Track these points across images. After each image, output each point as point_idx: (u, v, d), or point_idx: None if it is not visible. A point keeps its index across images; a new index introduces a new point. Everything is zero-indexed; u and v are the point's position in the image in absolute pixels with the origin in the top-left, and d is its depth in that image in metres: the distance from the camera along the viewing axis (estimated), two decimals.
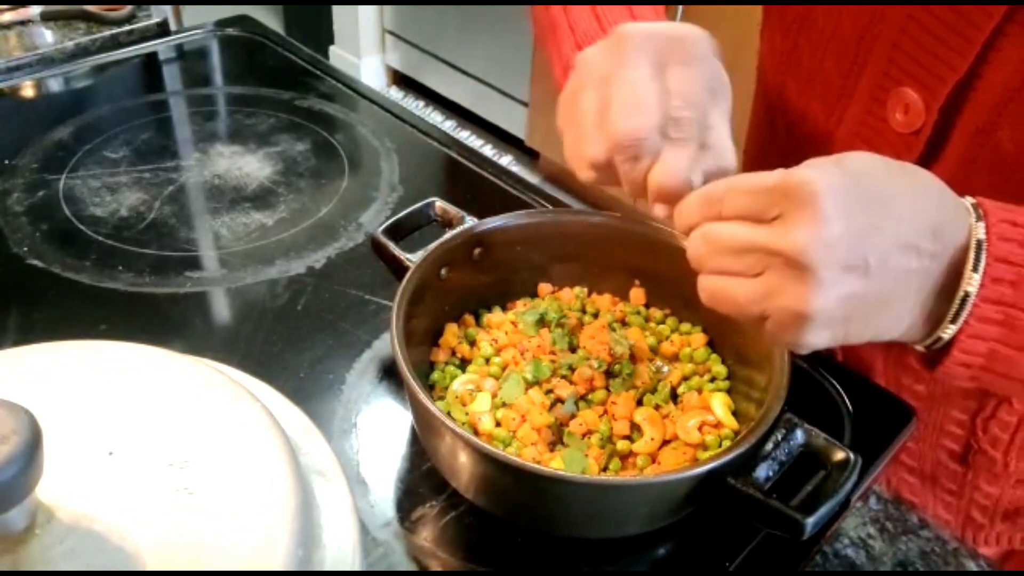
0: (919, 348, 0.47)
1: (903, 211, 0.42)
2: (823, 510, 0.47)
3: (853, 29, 0.59)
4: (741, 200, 0.44)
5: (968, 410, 0.67)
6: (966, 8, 0.53)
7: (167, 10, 1.13)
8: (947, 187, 0.45)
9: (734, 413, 0.58)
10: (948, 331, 0.45)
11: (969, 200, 0.45)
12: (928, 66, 0.56)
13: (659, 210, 0.49)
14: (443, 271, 0.62)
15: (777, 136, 0.72)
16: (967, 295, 0.43)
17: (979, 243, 0.43)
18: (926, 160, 0.59)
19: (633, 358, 0.61)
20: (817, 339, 0.43)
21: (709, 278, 0.46)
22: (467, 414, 0.57)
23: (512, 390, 0.58)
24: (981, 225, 0.44)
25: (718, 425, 0.57)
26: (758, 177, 0.43)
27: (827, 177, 0.41)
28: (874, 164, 0.44)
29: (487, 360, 0.61)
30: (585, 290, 0.68)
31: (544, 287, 0.68)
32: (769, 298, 0.43)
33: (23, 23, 1.07)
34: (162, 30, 1.12)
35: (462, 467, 0.53)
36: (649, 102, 0.47)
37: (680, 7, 1.92)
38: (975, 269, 0.43)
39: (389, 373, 0.66)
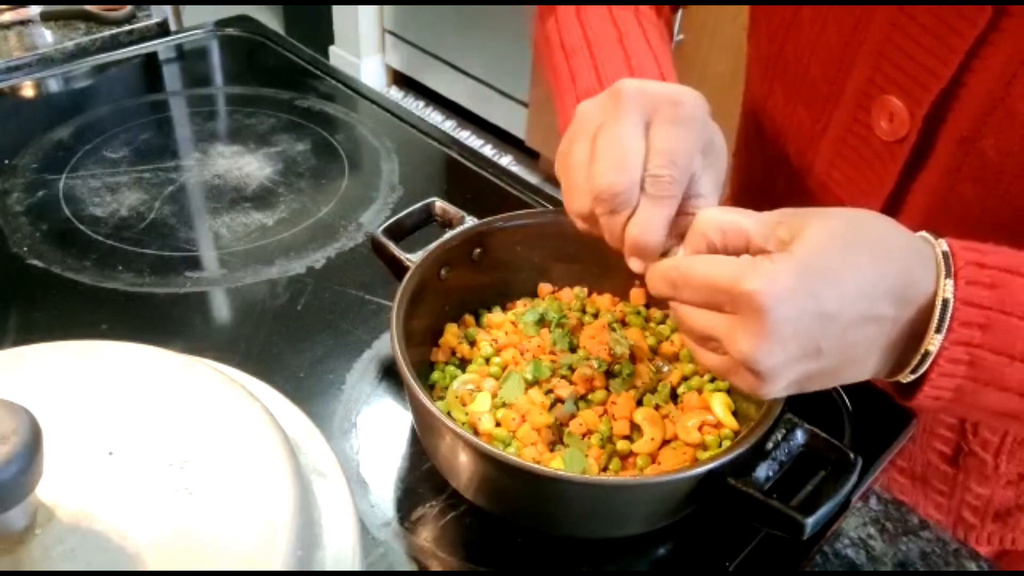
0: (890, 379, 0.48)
1: (861, 285, 0.42)
2: (823, 510, 0.47)
3: (838, 35, 0.60)
4: (694, 294, 0.45)
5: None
6: (950, 16, 0.53)
7: (167, 10, 1.13)
8: (915, 240, 0.46)
9: (734, 413, 0.58)
10: (909, 379, 0.46)
11: (941, 248, 0.45)
12: (912, 74, 0.56)
13: (633, 264, 0.50)
14: (443, 271, 0.62)
15: (764, 143, 0.72)
16: (927, 353, 0.44)
17: (944, 302, 0.44)
18: (911, 168, 0.59)
19: (633, 358, 0.61)
20: (777, 395, 0.46)
21: (684, 340, 0.49)
22: (467, 414, 0.57)
23: (512, 390, 0.58)
24: (949, 283, 0.44)
25: (718, 425, 0.57)
26: (711, 271, 0.44)
27: (775, 284, 0.41)
28: (831, 239, 0.43)
29: (487, 360, 0.61)
30: (585, 290, 0.68)
31: (544, 287, 0.68)
32: (729, 375, 0.46)
33: (23, 23, 1.07)
34: (162, 30, 1.12)
35: (462, 467, 0.53)
36: (630, 158, 0.48)
37: (680, 8, 1.92)
38: (938, 330, 0.44)
39: (389, 373, 0.66)
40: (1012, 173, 0.54)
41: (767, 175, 0.73)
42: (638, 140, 0.48)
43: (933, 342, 0.44)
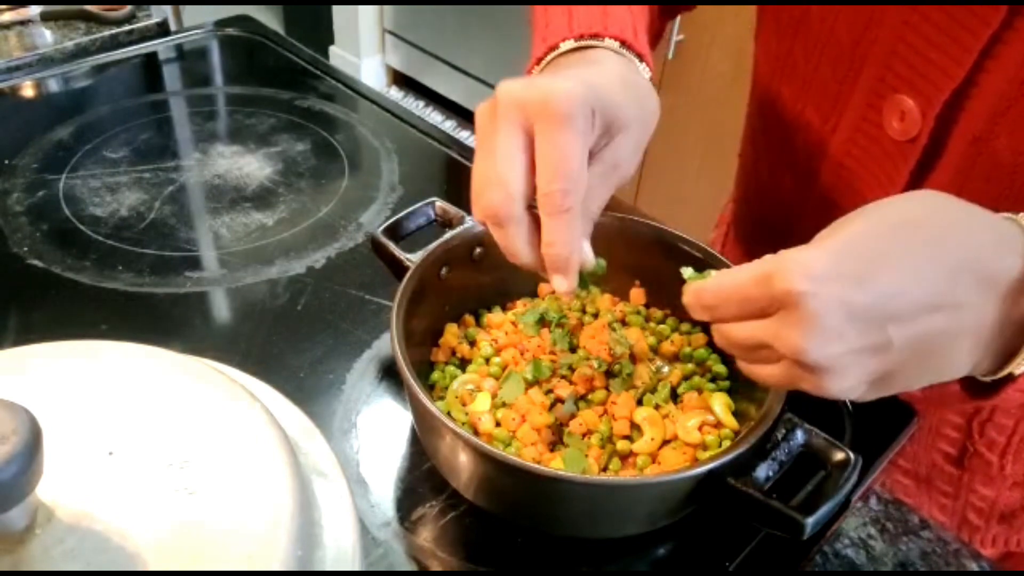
0: (980, 378, 0.45)
1: (920, 269, 0.40)
2: (823, 510, 0.47)
3: (849, 34, 0.59)
4: (731, 308, 0.43)
5: (965, 413, 0.67)
6: (963, 15, 0.52)
7: (167, 10, 1.13)
8: (990, 218, 0.42)
9: (734, 413, 0.58)
10: (1021, 370, 0.43)
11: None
12: (925, 73, 0.55)
13: (558, 283, 0.49)
14: (443, 271, 0.62)
15: (772, 142, 0.72)
16: None
17: None
18: (922, 168, 0.58)
19: (633, 358, 0.61)
20: (856, 398, 0.43)
21: (740, 363, 0.46)
22: (467, 414, 0.57)
23: (512, 390, 0.58)
24: None
25: (718, 425, 0.57)
26: (739, 277, 0.42)
27: (808, 269, 0.39)
28: (875, 224, 0.41)
29: (487, 360, 0.61)
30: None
31: (544, 287, 0.68)
32: (792, 384, 0.43)
33: (23, 23, 1.07)
34: (162, 30, 1.12)
35: (462, 467, 0.53)
36: (505, 174, 0.47)
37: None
38: None
39: (389, 373, 0.66)
40: None
41: (774, 176, 0.72)
42: (515, 153, 0.47)
43: None
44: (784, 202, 0.71)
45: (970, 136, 0.55)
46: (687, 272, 0.49)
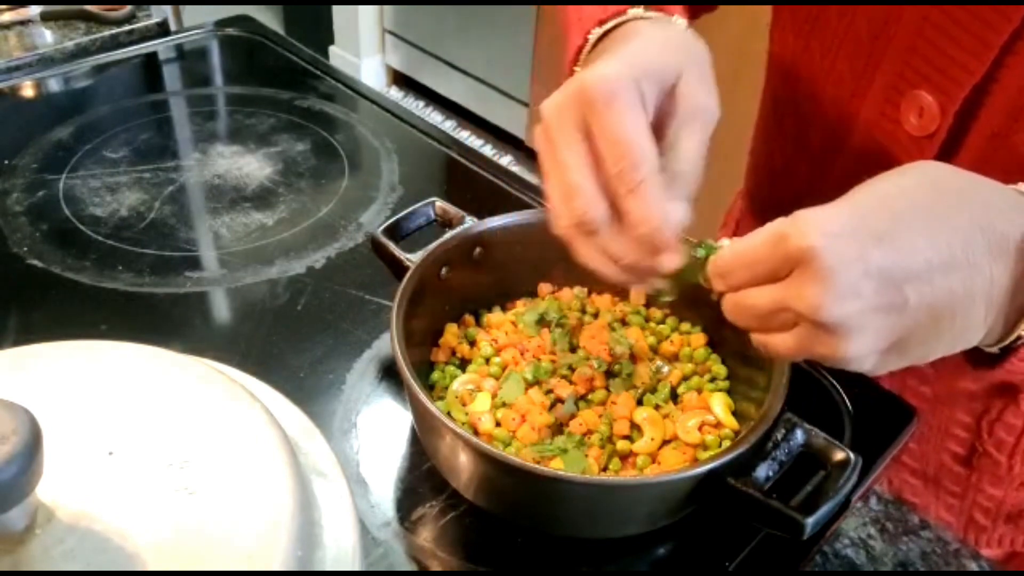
0: (990, 348, 0.45)
1: (934, 228, 0.40)
2: (823, 510, 0.47)
3: (867, 30, 0.59)
4: (745, 273, 0.43)
5: (973, 412, 0.67)
6: (984, 11, 0.52)
7: (167, 10, 1.13)
8: (1003, 189, 0.43)
9: (734, 413, 0.58)
10: None
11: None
12: (944, 69, 0.55)
13: (666, 261, 0.47)
14: (443, 271, 0.62)
15: (786, 138, 0.72)
16: None
17: None
18: None
19: (633, 358, 0.61)
20: (871, 368, 0.42)
21: (754, 335, 0.46)
22: (467, 414, 0.57)
23: (512, 390, 0.58)
24: None
25: (718, 425, 0.57)
26: (752, 240, 0.42)
27: (823, 225, 0.39)
28: (892, 188, 0.41)
29: (487, 360, 0.61)
30: (585, 290, 0.67)
31: (544, 287, 0.68)
32: (808, 349, 0.42)
33: (23, 23, 1.07)
34: (162, 30, 1.12)
35: (462, 467, 0.53)
36: (581, 183, 0.46)
37: None
38: None
39: (389, 373, 0.66)
40: None
41: (788, 172, 0.72)
42: (580, 158, 0.46)
43: None
44: (799, 197, 0.71)
45: (988, 132, 0.55)
46: (700, 251, 0.48)
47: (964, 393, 0.66)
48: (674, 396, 0.60)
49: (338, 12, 2.94)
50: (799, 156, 0.70)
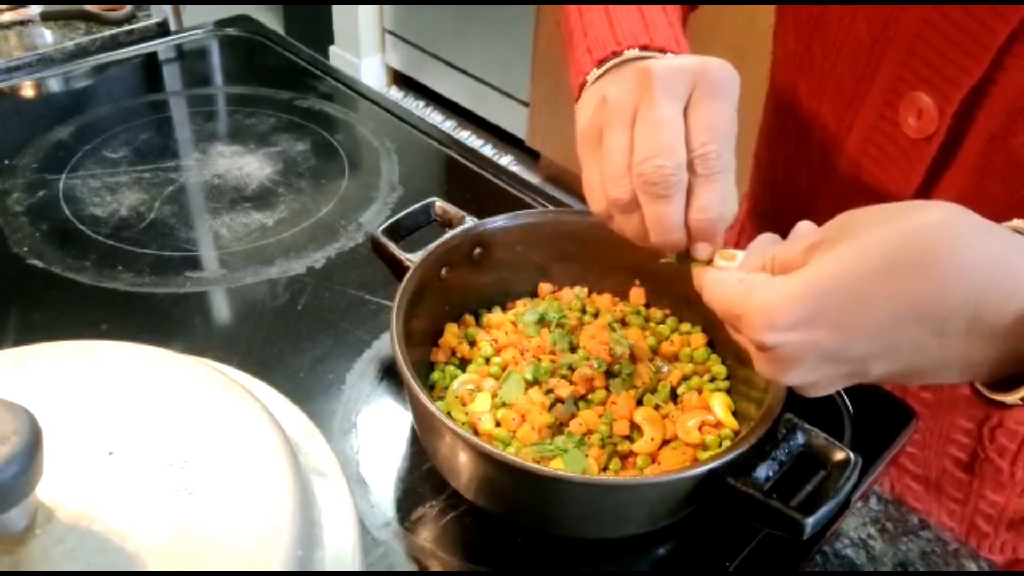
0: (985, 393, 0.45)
1: (901, 319, 0.38)
2: (823, 510, 0.47)
3: (868, 32, 0.59)
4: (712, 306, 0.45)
5: (975, 419, 0.67)
6: (982, 12, 0.52)
7: (167, 10, 1.13)
8: (980, 239, 0.39)
9: (734, 413, 0.58)
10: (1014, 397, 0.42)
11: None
12: (942, 71, 0.55)
13: (701, 250, 0.48)
14: (443, 271, 0.62)
15: (787, 141, 0.72)
16: None
17: None
18: (938, 166, 0.58)
19: (633, 358, 0.61)
20: (821, 393, 0.44)
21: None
22: (467, 414, 0.57)
23: (512, 390, 0.58)
24: None
25: (718, 425, 0.57)
26: (720, 299, 0.44)
27: (776, 319, 0.39)
28: (859, 256, 0.39)
29: (487, 360, 0.61)
30: (585, 290, 0.68)
31: (544, 287, 0.68)
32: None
33: (23, 23, 1.07)
34: (162, 30, 1.12)
35: (462, 467, 0.53)
36: (674, 141, 0.47)
37: None
38: None
39: (389, 373, 0.66)
40: None
41: (790, 173, 0.72)
42: (679, 121, 0.47)
43: None
44: (800, 199, 0.71)
45: (987, 134, 0.55)
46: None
47: (964, 399, 0.65)
48: (674, 396, 0.60)
49: (338, 12, 2.94)
50: (799, 162, 0.70)
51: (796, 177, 0.71)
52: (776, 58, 0.71)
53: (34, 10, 1.08)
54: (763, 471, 0.50)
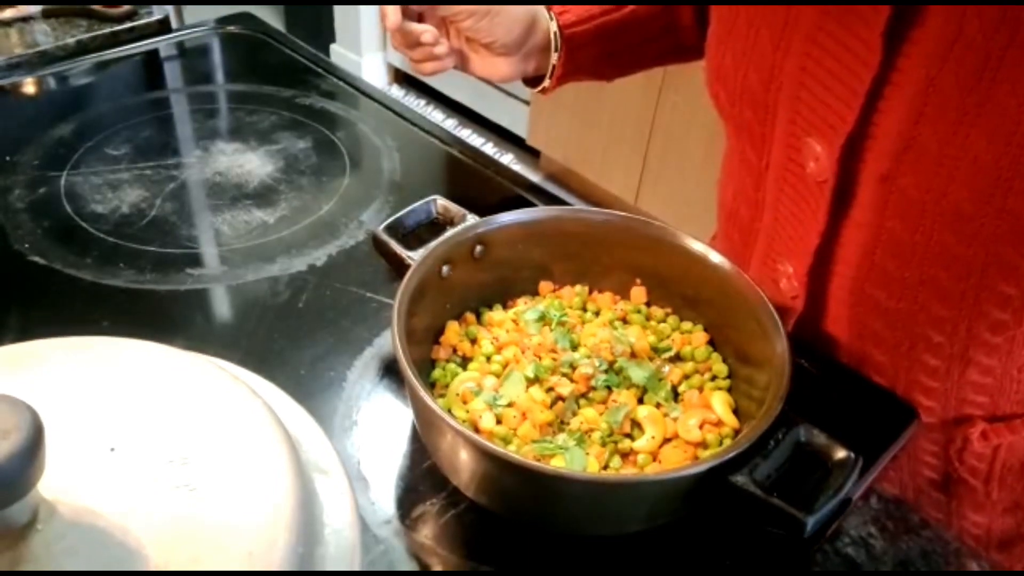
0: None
1: None
2: (824, 508, 0.47)
3: (759, 82, 0.61)
4: None
5: (937, 442, 0.67)
6: (849, 60, 0.54)
7: (168, 8, 1.13)
8: None
9: (735, 411, 0.58)
10: None
11: None
12: (824, 117, 0.57)
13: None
14: (444, 269, 0.62)
15: (730, 177, 0.74)
16: None
17: None
18: (840, 206, 0.60)
19: (634, 356, 0.61)
20: None
21: None
22: (468, 412, 0.57)
23: (513, 388, 0.58)
24: None
25: (719, 423, 0.57)
26: None
27: None
28: None
29: (488, 358, 0.61)
30: (586, 288, 0.68)
31: (545, 285, 0.68)
32: None
33: (24, 20, 1.07)
34: (163, 27, 1.12)
35: (463, 465, 0.53)
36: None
37: None
38: None
39: (390, 371, 0.66)
40: (934, 211, 0.54)
41: (735, 204, 0.74)
42: None
43: None
44: (746, 231, 0.73)
45: (877, 175, 0.56)
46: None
47: (922, 425, 0.66)
48: (675, 394, 0.60)
49: (339, 10, 2.94)
50: (739, 193, 0.73)
51: (738, 209, 0.74)
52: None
53: (35, 8, 1.08)
54: (764, 469, 0.50)
